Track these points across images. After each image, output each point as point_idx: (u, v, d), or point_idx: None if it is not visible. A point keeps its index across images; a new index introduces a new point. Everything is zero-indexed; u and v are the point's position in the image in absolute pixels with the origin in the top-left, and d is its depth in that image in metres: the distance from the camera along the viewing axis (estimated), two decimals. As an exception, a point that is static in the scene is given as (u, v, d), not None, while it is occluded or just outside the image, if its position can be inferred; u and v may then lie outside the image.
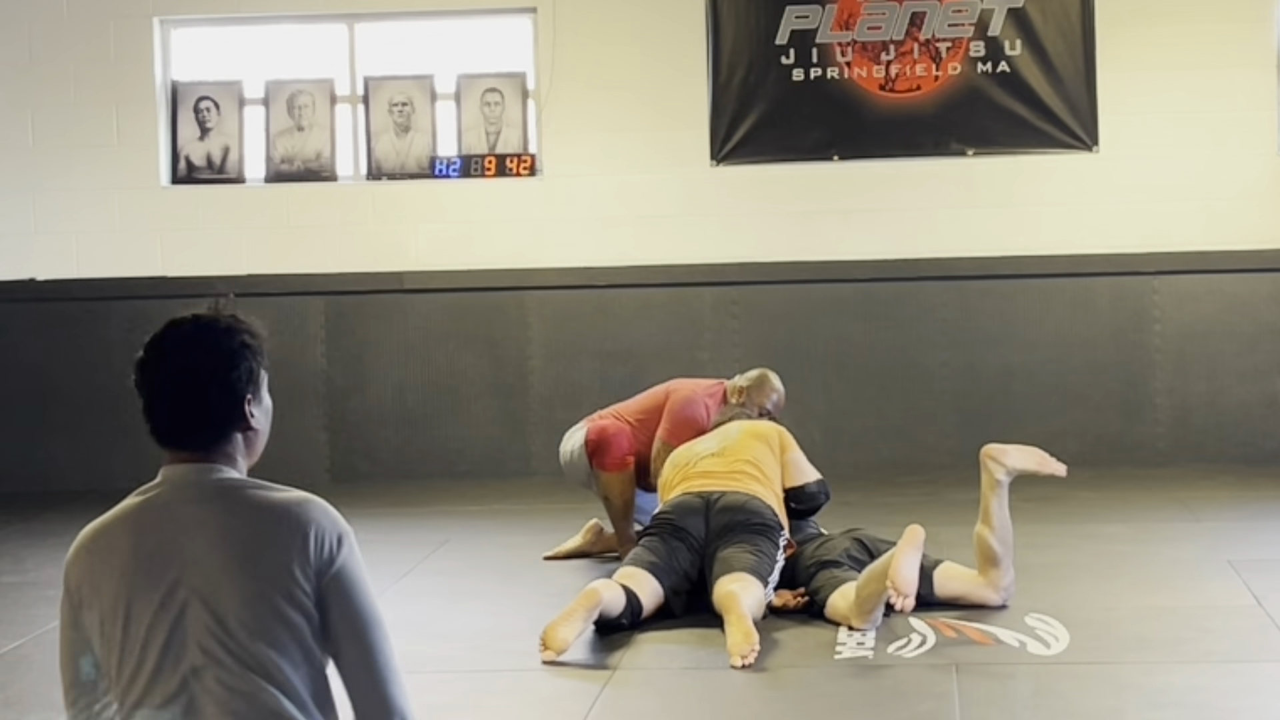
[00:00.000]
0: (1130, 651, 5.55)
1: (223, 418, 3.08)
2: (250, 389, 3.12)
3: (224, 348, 3.12)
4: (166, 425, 3.10)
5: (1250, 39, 9.33)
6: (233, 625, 2.81)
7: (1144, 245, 9.35)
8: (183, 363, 3.09)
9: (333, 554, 2.86)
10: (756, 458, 6.48)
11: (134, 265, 9.74)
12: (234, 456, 3.08)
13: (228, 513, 2.94)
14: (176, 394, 3.07)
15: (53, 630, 6.29)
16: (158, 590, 2.90)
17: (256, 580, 2.84)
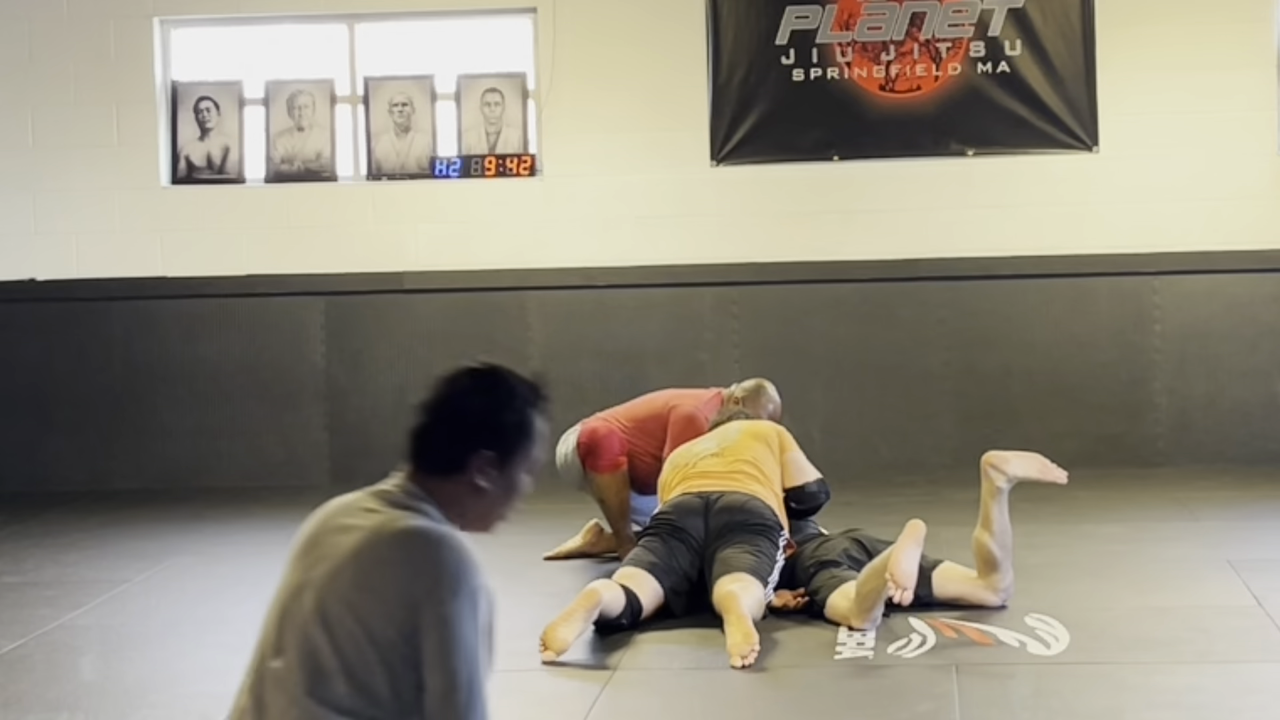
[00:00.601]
0: (1129, 651, 5.55)
1: (444, 456, 3.00)
2: (494, 450, 2.99)
3: (491, 402, 3.01)
4: (410, 435, 3.05)
5: (1250, 39, 9.33)
6: (322, 632, 2.88)
7: (1144, 245, 9.35)
8: (453, 389, 3.03)
9: (439, 599, 2.85)
10: (756, 458, 6.48)
11: (134, 265, 9.73)
12: (440, 499, 3.01)
13: (376, 531, 2.94)
14: (428, 410, 3.03)
15: (52, 630, 6.30)
16: (298, 571, 3.03)
17: (359, 599, 2.88)
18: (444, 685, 2.83)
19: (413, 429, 3.04)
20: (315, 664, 2.87)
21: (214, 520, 8.53)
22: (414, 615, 2.84)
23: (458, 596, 2.86)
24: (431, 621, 2.84)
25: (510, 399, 3.00)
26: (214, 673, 5.70)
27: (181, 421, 9.72)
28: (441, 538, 2.91)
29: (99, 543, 8.05)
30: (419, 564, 2.87)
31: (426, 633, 2.84)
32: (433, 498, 2.99)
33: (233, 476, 9.62)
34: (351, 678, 2.85)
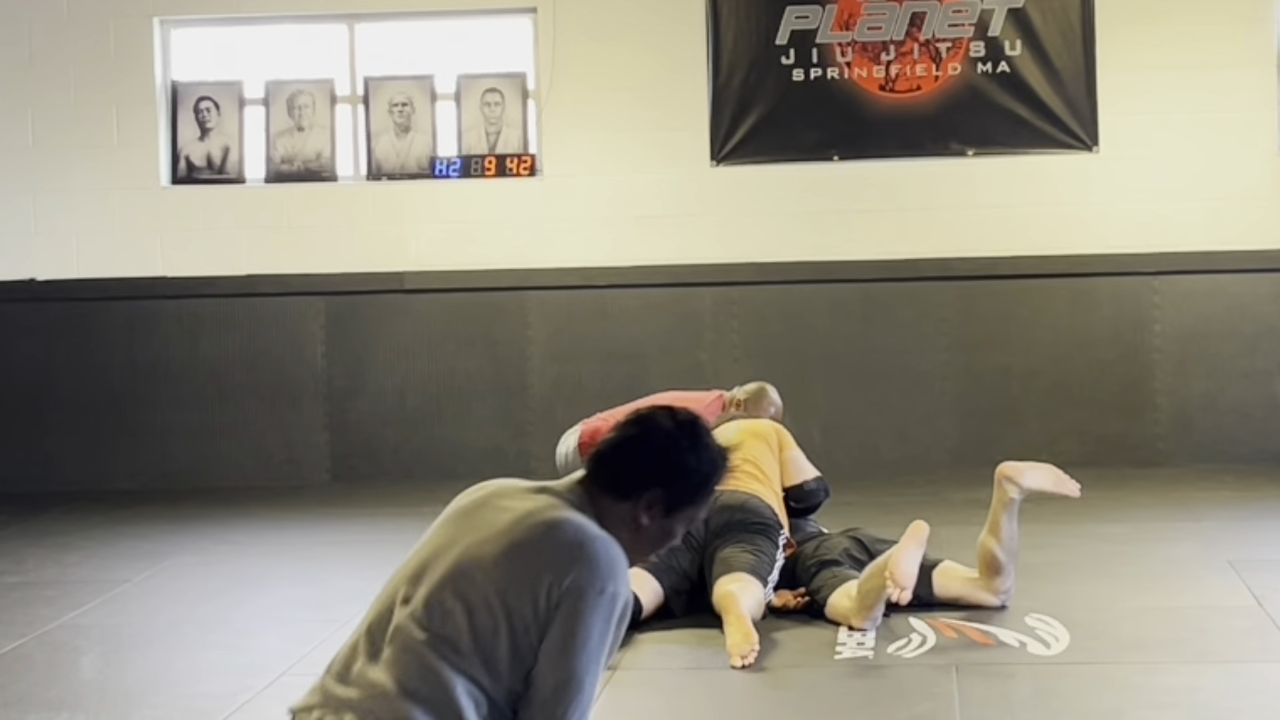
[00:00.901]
0: (1130, 651, 5.55)
1: (619, 478, 3.08)
2: (666, 492, 3.07)
3: (684, 448, 3.10)
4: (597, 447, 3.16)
5: (1250, 39, 9.33)
6: (459, 595, 2.96)
7: (1144, 245, 9.35)
8: (655, 423, 3.14)
9: (582, 594, 2.93)
10: (755, 457, 6.48)
11: (134, 265, 9.74)
12: (600, 515, 3.07)
13: (537, 513, 3.03)
14: (624, 432, 3.13)
15: (52, 630, 6.30)
16: (446, 534, 3.09)
17: (497, 577, 2.96)
18: (559, 677, 2.91)
19: (602, 443, 3.12)
20: (445, 623, 2.94)
21: (214, 520, 8.52)
22: (553, 601, 2.92)
23: (600, 597, 2.93)
24: (568, 612, 2.91)
25: (702, 453, 3.09)
26: (214, 673, 5.70)
27: (181, 421, 9.72)
28: (599, 536, 2.99)
29: (99, 543, 8.05)
30: (573, 555, 2.95)
31: (560, 621, 2.91)
32: (594, 510, 3.06)
33: (233, 476, 9.62)
34: (477, 643, 2.93)
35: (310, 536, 7.94)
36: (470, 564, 2.99)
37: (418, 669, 2.93)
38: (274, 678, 5.54)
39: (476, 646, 2.94)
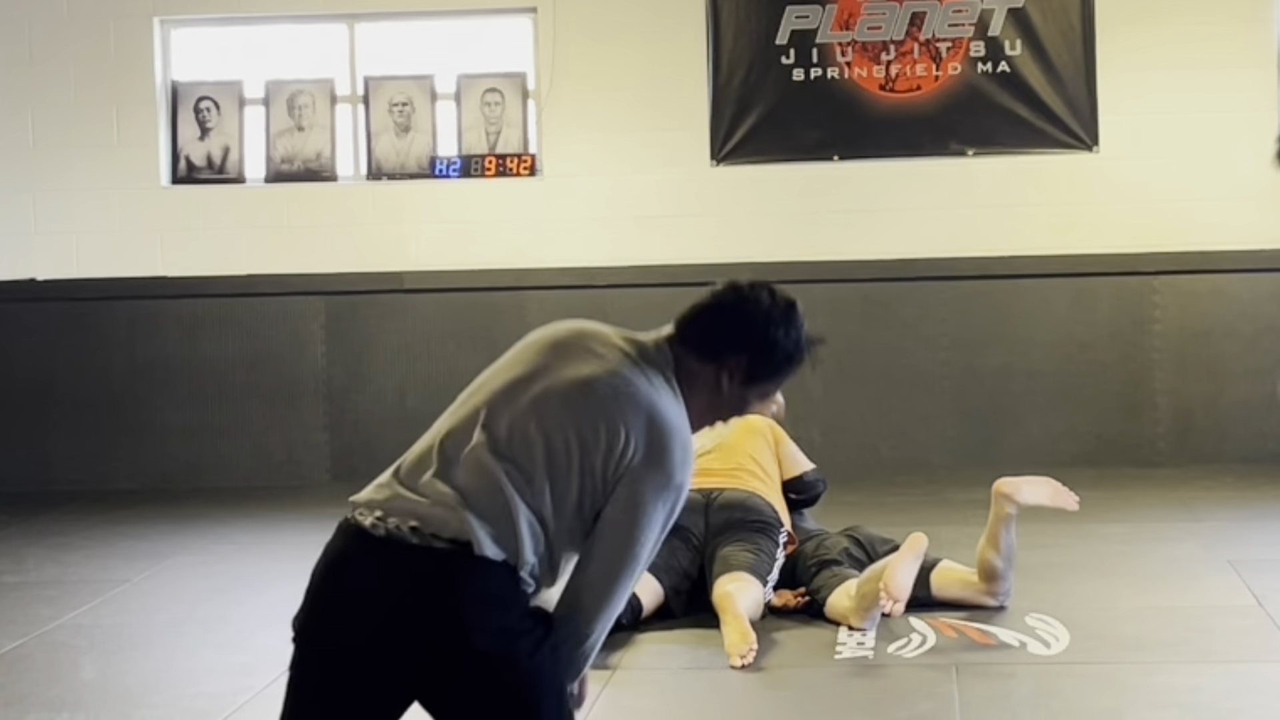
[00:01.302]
0: (1130, 651, 5.55)
1: (709, 338, 3.15)
2: (749, 360, 3.16)
3: (776, 322, 3.24)
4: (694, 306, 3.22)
5: (1250, 39, 9.33)
6: (542, 431, 3.00)
7: (1144, 245, 9.35)
8: (752, 295, 3.23)
9: (643, 474, 2.99)
10: (754, 453, 6.48)
11: (134, 265, 9.73)
12: (680, 372, 3.16)
13: (629, 378, 3.08)
14: (723, 297, 3.20)
15: (52, 630, 6.30)
16: (533, 362, 3.18)
17: (582, 420, 3.01)
18: (615, 551, 2.98)
19: (699, 303, 3.18)
20: (523, 452, 2.98)
21: (214, 520, 8.52)
22: (625, 462, 2.97)
23: (667, 487, 2.99)
24: (634, 492, 2.97)
25: (792, 330, 3.23)
26: (214, 673, 5.70)
27: (181, 421, 9.72)
28: (677, 429, 3.05)
29: (99, 543, 8.05)
30: (653, 432, 3.00)
31: (624, 497, 2.97)
32: (676, 370, 3.13)
33: (233, 476, 9.61)
34: (550, 478, 2.97)
35: (310, 536, 7.89)
36: (557, 400, 3.03)
37: (489, 492, 2.96)
38: (274, 678, 5.54)
39: (549, 481, 2.97)
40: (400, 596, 2.90)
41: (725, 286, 3.21)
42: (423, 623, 2.89)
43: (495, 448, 3.01)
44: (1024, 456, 9.31)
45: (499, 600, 2.92)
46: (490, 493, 2.96)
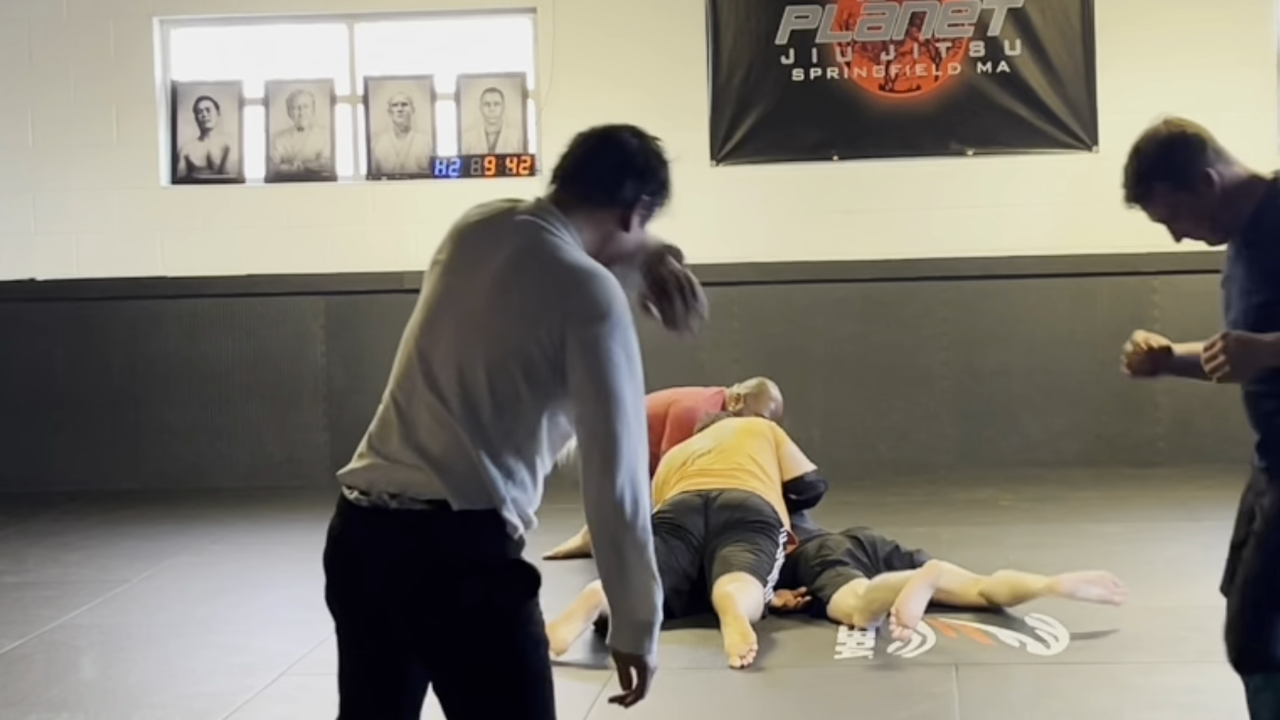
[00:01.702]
0: (1129, 651, 5.55)
1: (612, 186, 3.15)
2: (651, 199, 3.20)
3: (658, 156, 3.21)
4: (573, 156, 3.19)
5: (1250, 39, 9.33)
6: (471, 368, 3.01)
7: (1144, 245, 9.31)
8: (622, 132, 3.21)
9: (578, 326, 2.99)
10: (754, 454, 6.48)
11: (134, 265, 9.73)
12: (580, 226, 3.15)
13: (531, 252, 3.07)
14: (599, 139, 3.18)
15: (52, 630, 6.30)
16: (444, 281, 3.20)
17: (510, 318, 3.00)
18: (596, 398, 2.96)
19: (579, 154, 3.16)
20: (467, 397, 2.99)
21: (214, 520, 8.52)
22: (556, 338, 2.96)
23: (608, 322, 3.01)
24: (580, 347, 2.97)
25: (668, 165, 3.21)
26: (214, 673, 5.70)
27: (181, 421, 9.72)
28: (595, 272, 3.04)
29: (99, 543, 8.05)
30: (573, 292, 2.99)
31: (576, 359, 2.96)
32: (574, 222, 3.12)
33: (233, 476, 9.61)
34: (500, 413, 2.98)
35: (310, 536, 7.89)
36: (473, 329, 3.04)
37: (448, 444, 2.97)
38: (274, 678, 5.54)
39: (500, 416, 2.98)
40: (389, 562, 2.97)
41: (589, 134, 3.21)
42: (410, 585, 2.95)
43: (439, 394, 3.03)
44: (1024, 456, 9.33)
45: (480, 555, 2.96)
46: (449, 444, 2.98)
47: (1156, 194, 3.73)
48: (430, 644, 2.98)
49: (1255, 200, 3.67)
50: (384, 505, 2.99)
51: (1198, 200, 3.68)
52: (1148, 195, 3.72)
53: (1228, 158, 3.73)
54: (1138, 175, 3.74)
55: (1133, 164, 3.73)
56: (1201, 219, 3.70)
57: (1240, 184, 3.69)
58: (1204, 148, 3.72)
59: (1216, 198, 3.68)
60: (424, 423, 3.02)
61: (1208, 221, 3.72)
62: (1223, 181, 3.69)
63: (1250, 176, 3.70)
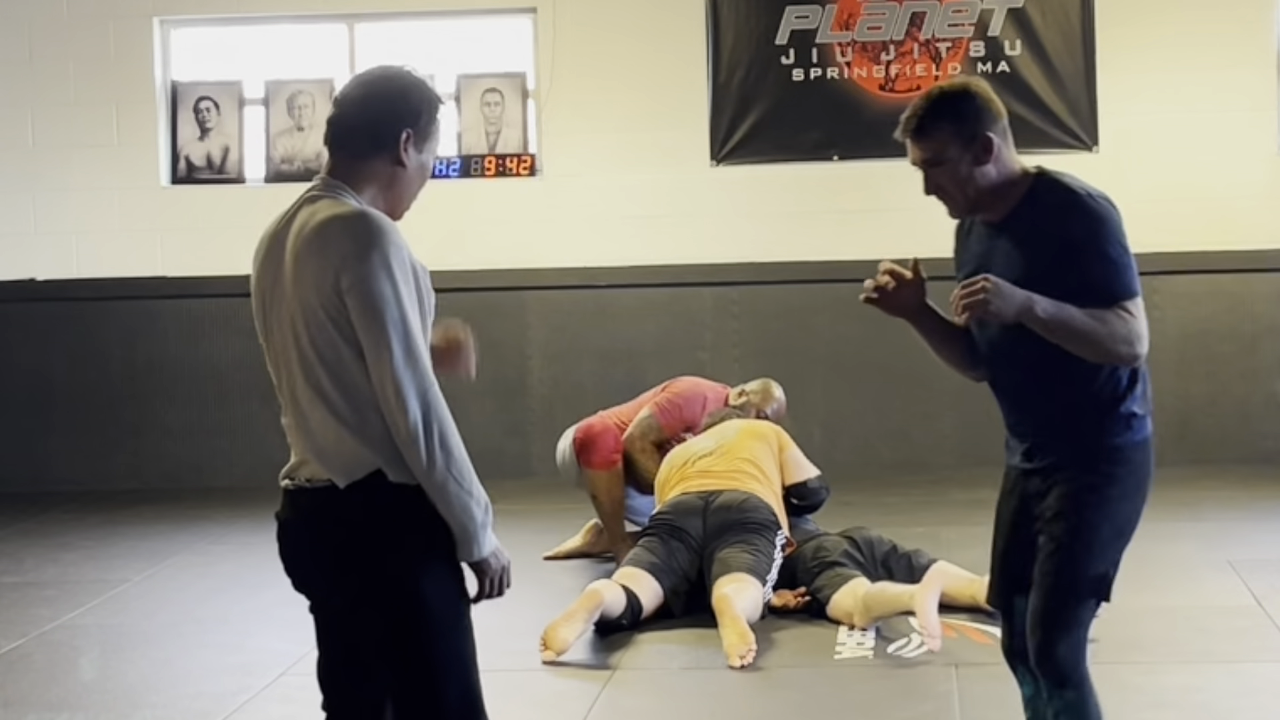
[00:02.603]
0: (1130, 651, 5.55)
1: (370, 135, 3.25)
2: (413, 129, 3.25)
3: (406, 86, 3.29)
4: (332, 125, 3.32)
5: (1250, 39, 9.33)
6: (296, 346, 3.21)
7: (1144, 245, 9.30)
8: (368, 80, 3.32)
9: (352, 264, 3.09)
10: (755, 456, 6.48)
11: (134, 265, 9.73)
12: (359, 182, 3.27)
13: (300, 230, 3.24)
14: (349, 100, 3.31)
15: (52, 630, 6.30)
16: (262, 295, 3.32)
17: (305, 288, 3.15)
18: (375, 343, 3.07)
19: (334, 119, 3.29)
20: (308, 373, 3.20)
21: (214, 520, 8.53)
22: (341, 289, 3.08)
23: (370, 258, 3.06)
24: (352, 290, 3.07)
25: (419, 84, 3.27)
26: (214, 673, 5.70)
27: (181, 421, 9.72)
28: (353, 213, 3.14)
29: (99, 543, 8.05)
30: (334, 240, 3.11)
31: (349, 298, 3.07)
32: (351, 184, 3.25)
33: (233, 476, 9.61)
34: (337, 376, 3.16)
35: (310, 536, 7.93)
36: (289, 317, 3.20)
37: (316, 423, 3.24)
38: (274, 678, 5.54)
39: (338, 379, 3.16)
40: (300, 543, 3.36)
41: (340, 98, 3.32)
42: (315, 561, 3.30)
43: (290, 379, 3.29)
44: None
45: (370, 526, 3.15)
46: (316, 425, 3.22)
47: (938, 133, 3.62)
48: (352, 615, 3.22)
49: (1021, 191, 3.62)
50: (299, 488, 3.32)
51: (968, 160, 3.62)
52: (929, 131, 3.63)
53: (1011, 145, 3.66)
54: (929, 108, 3.63)
55: (930, 97, 3.65)
56: (964, 179, 3.66)
57: (1013, 171, 3.64)
58: (1000, 117, 3.64)
59: (989, 171, 3.63)
60: (292, 410, 3.31)
61: (969, 185, 3.67)
62: (1000, 158, 3.61)
63: (1023, 169, 3.65)
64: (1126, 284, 3.52)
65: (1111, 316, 3.47)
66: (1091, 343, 3.47)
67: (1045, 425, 3.64)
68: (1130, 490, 3.63)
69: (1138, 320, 3.49)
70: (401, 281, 3.08)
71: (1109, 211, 3.63)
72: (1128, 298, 3.50)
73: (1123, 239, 3.61)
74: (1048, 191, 3.60)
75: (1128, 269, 3.54)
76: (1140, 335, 3.48)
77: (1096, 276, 3.50)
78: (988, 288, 3.49)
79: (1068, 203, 3.57)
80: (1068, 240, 3.53)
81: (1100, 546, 3.62)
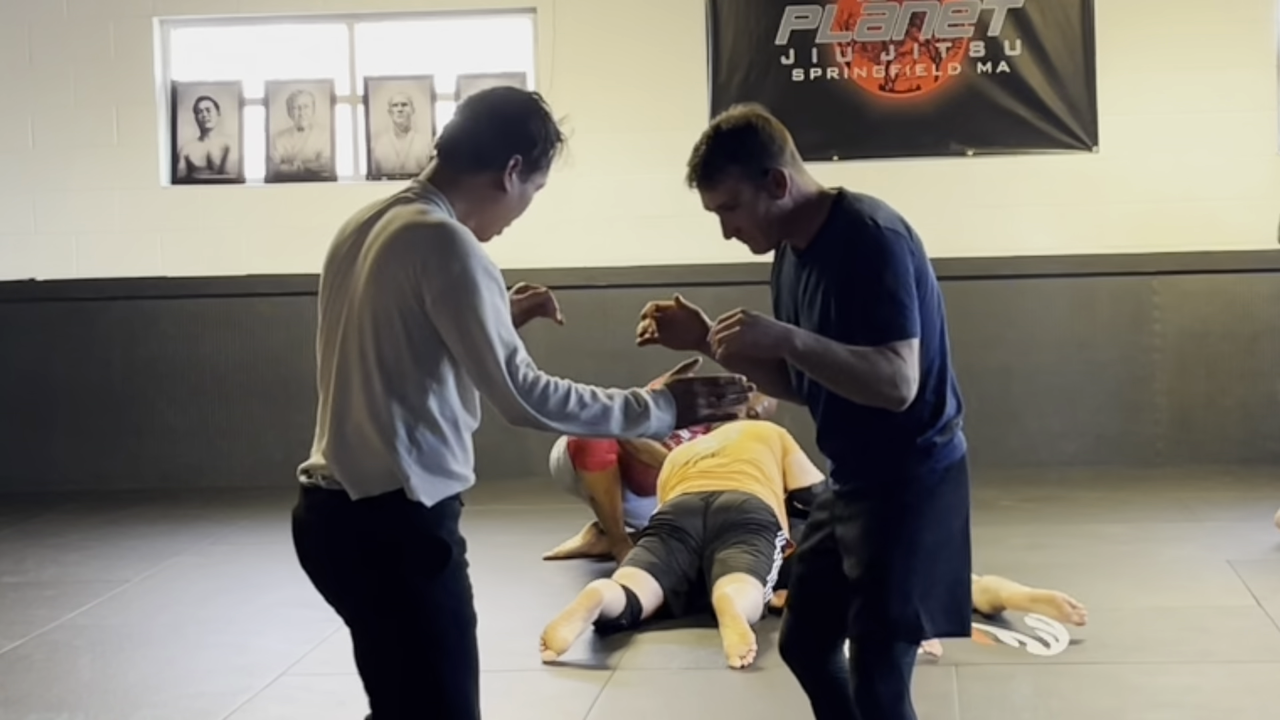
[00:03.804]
0: (1130, 651, 5.55)
1: (481, 150, 3.29)
2: (524, 156, 3.32)
3: (529, 112, 3.37)
4: (446, 130, 3.35)
5: (1250, 39, 9.33)
6: (365, 328, 3.15)
7: (1144, 245, 9.35)
8: (495, 95, 3.39)
9: (438, 273, 3.10)
10: (756, 458, 6.49)
11: (134, 265, 9.74)
12: (456, 195, 3.28)
13: (383, 231, 3.21)
14: (471, 109, 3.35)
15: (52, 630, 6.30)
16: (324, 290, 3.31)
17: (382, 290, 3.15)
18: (475, 349, 3.11)
19: (449, 127, 3.29)
20: (366, 374, 3.14)
21: (214, 520, 8.53)
22: (419, 294, 3.09)
23: (451, 271, 3.09)
24: (440, 303, 3.09)
25: (544, 116, 3.37)
26: (214, 673, 5.70)
27: (181, 421, 9.72)
28: (435, 223, 3.14)
29: (99, 543, 8.05)
30: (416, 248, 3.11)
31: (441, 316, 3.09)
32: (447, 194, 3.25)
33: (233, 476, 9.62)
34: (389, 383, 3.13)
35: (310, 536, 7.93)
36: (352, 306, 3.19)
37: (349, 429, 3.17)
38: (274, 678, 5.54)
39: (390, 386, 3.13)
40: (311, 541, 3.26)
41: (464, 105, 3.34)
42: (324, 563, 3.25)
43: (342, 373, 3.19)
44: (1024, 456, 9.33)
45: (383, 536, 3.14)
46: (351, 429, 3.16)
47: (727, 177, 3.54)
48: (360, 621, 3.24)
49: (823, 216, 3.49)
50: (314, 486, 3.23)
51: (764, 197, 3.51)
52: (716, 177, 3.56)
53: (801, 167, 3.53)
54: (711, 153, 3.55)
55: (709, 141, 3.55)
56: (761, 217, 3.55)
57: (810, 197, 3.51)
58: (785, 146, 3.52)
59: (784, 203, 3.52)
60: (330, 416, 3.21)
61: (767, 222, 3.57)
62: (793, 187, 3.50)
63: (820, 191, 3.53)
64: (900, 325, 3.35)
65: (877, 356, 3.33)
66: (852, 381, 3.38)
67: (848, 452, 3.58)
68: (933, 520, 3.44)
69: (905, 364, 3.33)
70: (484, 283, 3.13)
71: (894, 244, 3.42)
72: (899, 338, 3.34)
73: (904, 275, 3.41)
74: (842, 218, 3.46)
75: (903, 308, 3.37)
76: (907, 379, 3.32)
77: (870, 313, 3.35)
78: (744, 320, 3.41)
79: (854, 233, 3.42)
80: (850, 272, 3.40)
81: (901, 586, 3.39)
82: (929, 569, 3.43)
